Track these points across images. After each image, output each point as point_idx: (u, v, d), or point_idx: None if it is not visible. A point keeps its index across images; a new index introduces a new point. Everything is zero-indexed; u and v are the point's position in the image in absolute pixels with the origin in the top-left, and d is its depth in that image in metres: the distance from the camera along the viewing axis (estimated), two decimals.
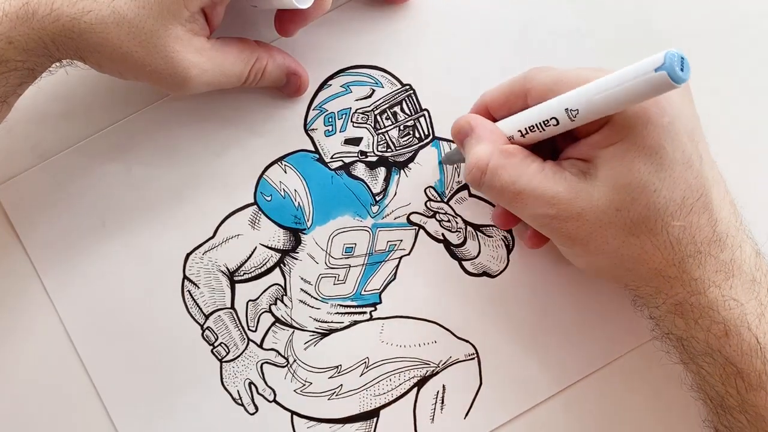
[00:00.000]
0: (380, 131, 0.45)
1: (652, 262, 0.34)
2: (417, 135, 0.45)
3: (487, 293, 0.43)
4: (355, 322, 0.44)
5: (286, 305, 0.44)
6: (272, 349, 0.43)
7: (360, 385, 0.43)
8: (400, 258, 0.44)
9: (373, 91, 0.45)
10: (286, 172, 0.45)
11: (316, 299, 0.44)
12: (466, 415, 0.42)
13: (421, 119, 0.45)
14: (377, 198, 0.44)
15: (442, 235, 0.44)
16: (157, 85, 0.39)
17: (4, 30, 0.35)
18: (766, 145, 0.45)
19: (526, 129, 0.36)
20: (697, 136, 0.35)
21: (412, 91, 0.45)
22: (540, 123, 0.35)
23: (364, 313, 0.44)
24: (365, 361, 0.43)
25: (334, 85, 0.45)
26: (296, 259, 0.44)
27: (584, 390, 0.43)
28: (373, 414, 0.43)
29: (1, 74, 0.36)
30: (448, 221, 0.44)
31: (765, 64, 0.46)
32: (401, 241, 0.44)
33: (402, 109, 0.45)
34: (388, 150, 0.45)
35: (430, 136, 0.45)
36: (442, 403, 0.43)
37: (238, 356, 0.43)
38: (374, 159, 0.45)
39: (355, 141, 0.45)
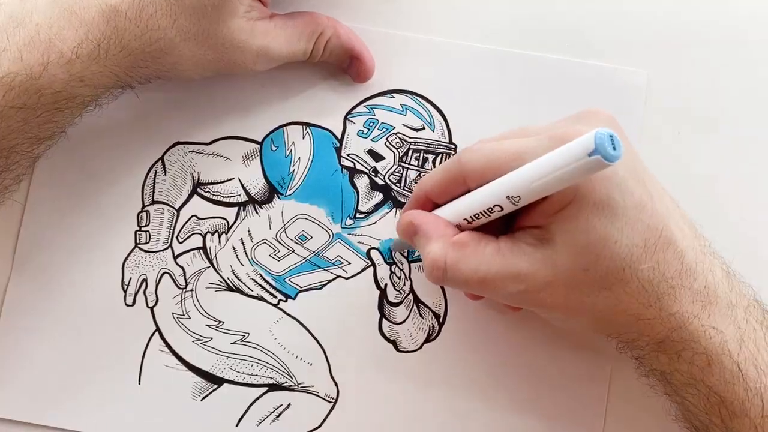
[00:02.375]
0: (403, 165, 0.45)
1: (629, 310, 0.34)
2: None
3: (383, 359, 0.43)
4: (261, 299, 0.44)
5: (219, 242, 0.44)
6: (181, 267, 0.44)
7: (225, 350, 0.43)
8: (337, 277, 0.44)
9: (424, 128, 0.45)
10: (303, 138, 0.45)
11: (246, 257, 0.44)
12: None
13: None
14: (357, 215, 0.44)
15: (385, 285, 0.44)
16: (229, 72, 0.41)
17: (77, 70, 0.37)
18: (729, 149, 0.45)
19: (471, 217, 0.36)
20: (640, 174, 0.35)
21: (453, 153, 0.45)
22: (484, 210, 0.35)
23: (275, 297, 0.44)
24: (243, 335, 0.43)
25: (396, 99, 0.45)
26: (257, 212, 0.44)
27: None
28: (216, 380, 0.43)
29: (69, 108, 0.38)
30: (399, 278, 0.44)
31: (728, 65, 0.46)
32: (349, 263, 0.44)
33: (433, 161, 0.45)
34: (397, 185, 0.44)
35: None
36: (277, 417, 0.43)
37: (151, 252, 0.44)
38: (380, 183, 0.45)
39: (377, 156, 0.45)
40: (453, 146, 0.45)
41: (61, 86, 0.36)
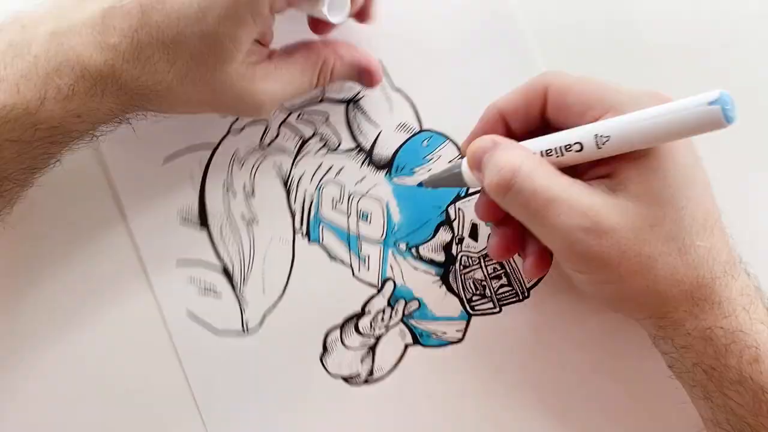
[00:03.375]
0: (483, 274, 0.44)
1: (683, 283, 0.34)
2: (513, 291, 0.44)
3: (307, 353, 0.43)
4: (294, 214, 0.44)
5: (315, 150, 0.45)
6: (277, 132, 0.45)
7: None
8: (348, 266, 0.44)
9: None
10: (451, 161, 0.44)
11: (318, 180, 0.44)
12: None
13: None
14: (413, 250, 0.44)
15: (367, 312, 0.43)
16: (234, 115, 0.43)
17: (74, 106, 0.36)
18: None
19: (544, 152, 0.35)
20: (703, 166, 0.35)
21: None
22: (561, 147, 0.34)
23: (302, 225, 0.44)
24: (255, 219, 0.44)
25: None
26: (361, 164, 0.44)
27: None
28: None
29: (65, 142, 0.38)
30: (383, 320, 0.43)
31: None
32: (367, 270, 0.44)
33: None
34: (461, 271, 0.44)
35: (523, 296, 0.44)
36: (205, 290, 0.44)
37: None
38: (452, 253, 0.44)
39: (474, 235, 0.44)
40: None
41: (58, 122, 0.36)
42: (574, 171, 0.35)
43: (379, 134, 0.45)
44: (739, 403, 0.34)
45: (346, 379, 0.43)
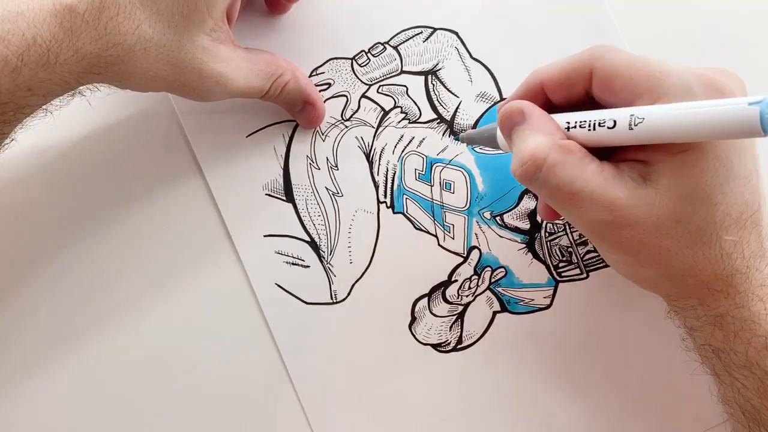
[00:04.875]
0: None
1: (701, 275, 0.34)
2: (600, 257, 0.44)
3: (394, 317, 0.44)
4: (377, 186, 0.45)
5: (397, 121, 0.45)
6: (358, 103, 0.45)
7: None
8: (432, 236, 0.44)
9: None
10: None
11: (400, 151, 0.45)
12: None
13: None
14: (498, 219, 0.44)
15: (454, 280, 0.44)
16: (181, 95, 0.39)
17: (24, 80, 0.33)
18: None
19: (577, 123, 0.33)
20: (756, 151, 0.34)
21: None
22: (594, 122, 0.32)
23: (385, 196, 0.44)
24: (338, 192, 0.45)
25: None
26: (443, 135, 0.45)
27: None
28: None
29: (17, 120, 0.35)
30: (470, 288, 0.43)
31: None
32: (452, 238, 0.44)
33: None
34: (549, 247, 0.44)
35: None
36: (292, 264, 0.44)
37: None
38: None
39: None
40: None
41: (7, 97, 0.33)
42: (610, 149, 0.34)
43: (459, 104, 0.45)
44: (745, 385, 0.34)
45: (435, 347, 0.44)
